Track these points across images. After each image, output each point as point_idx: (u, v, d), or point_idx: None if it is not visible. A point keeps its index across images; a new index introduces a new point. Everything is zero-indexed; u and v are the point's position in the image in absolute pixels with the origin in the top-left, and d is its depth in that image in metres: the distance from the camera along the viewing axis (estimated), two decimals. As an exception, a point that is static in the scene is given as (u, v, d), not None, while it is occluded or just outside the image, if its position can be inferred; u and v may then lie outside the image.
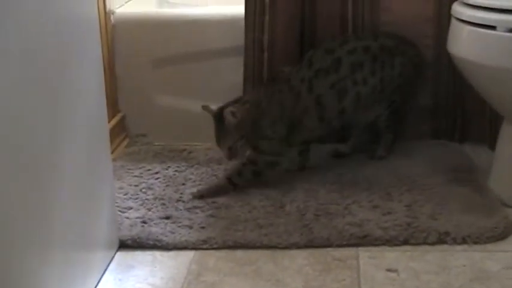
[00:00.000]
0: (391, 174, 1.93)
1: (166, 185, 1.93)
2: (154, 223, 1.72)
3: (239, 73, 2.16)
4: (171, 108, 2.27)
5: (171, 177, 1.98)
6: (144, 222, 1.73)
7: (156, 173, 2.01)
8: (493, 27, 1.64)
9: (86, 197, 1.45)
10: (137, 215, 1.76)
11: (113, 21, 2.21)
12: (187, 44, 2.23)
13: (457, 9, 1.75)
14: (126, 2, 2.35)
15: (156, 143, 2.28)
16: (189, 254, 1.62)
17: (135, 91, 2.27)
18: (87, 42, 1.47)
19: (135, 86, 2.27)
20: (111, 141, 1.78)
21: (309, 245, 1.62)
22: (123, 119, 2.27)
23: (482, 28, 1.66)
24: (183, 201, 1.83)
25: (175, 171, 2.02)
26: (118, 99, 2.26)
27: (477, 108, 2.07)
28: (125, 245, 1.65)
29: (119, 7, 2.27)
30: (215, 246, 1.64)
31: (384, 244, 1.62)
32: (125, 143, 2.25)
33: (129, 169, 2.04)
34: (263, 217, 1.73)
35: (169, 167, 2.05)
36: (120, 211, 1.77)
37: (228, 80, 2.21)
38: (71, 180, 1.35)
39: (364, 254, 1.60)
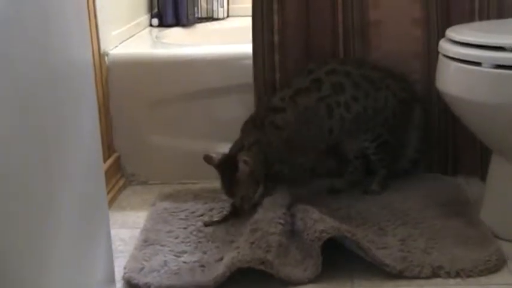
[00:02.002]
0: (384, 208, 1.95)
1: (216, 227, 1.91)
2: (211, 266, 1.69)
3: (234, 112, 2.19)
4: (166, 148, 2.29)
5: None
6: (202, 265, 1.71)
7: (201, 215, 1.99)
8: (478, 64, 1.67)
9: (82, 240, 1.45)
10: (194, 258, 1.75)
11: (107, 62, 2.25)
12: (181, 84, 2.26)
13: (444, 46, 1.79)
14: (120, 43, 2.39)
15: (151, 182, 2.30)
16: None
17: (130, 131, 2.29)
18: (82, 84, 1.49)
19: (130, 126, 2.29)
20: (107, 182, 1.79)
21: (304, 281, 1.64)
22: (118, 159, 2.29)
23: (468, 64, 1.69)
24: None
25: (220, 212, 1.98)
26: (113, 140, 2.28)
27: (468, 141, 2.10)
28: None
29: (113, 48, 2.30)
30: None
31: (378, 279, 1.63)
32: (121, 182, 2.27)
33: (173, 213, 2.02)
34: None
35: (213, 208, 2.01)
36: (175, 255, 1.77)
37: (223, 119, 2.24)
38: (66, 223, 1.36)
39: (359, 289, 1.61)
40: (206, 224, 1.90)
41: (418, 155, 2.12)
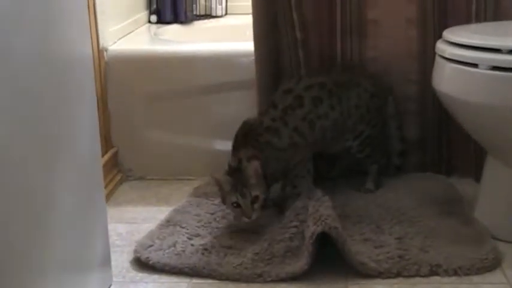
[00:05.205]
0: (380, 207, 1.96)
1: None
2: (215, 251, 1.75)
3: (231, 109, 2.20)
4: (163, 144, 2.30)
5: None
6: (206, 249, 1.76)
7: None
8: (475, 65, 1.68)
9: (79, 233, 1.47)
10: (201, 242, 1.79)
11: (106, 58, 2.26)
12: (179, 80, 2.27)
13: (441, 47, 1.81)
14: (118, 39, 2.40)
15: (149, 177, 2.31)
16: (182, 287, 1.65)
17: (127, 127, 2.30)
18: (81, 79, 1.50)
19: (128, 122, 2.30)
20: (104, 177, 1.80)
21: (302, 277, 1.64)
22: (115, 154, 2.30)
23: (465, 66, 1.70)
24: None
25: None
26: (111, 135, 2.29)
27: (462, 141, 2.11)
28: (182, 273, 1.70)
29: (112, 44, 2.31)
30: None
31: (373, 276, 1.65)
32: (118, 177, 2.28)
33: (211, 198, 2.03)
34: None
35: None
36: (188, 238, 1.81)
37: (220, 116, 2.25)
38: (64, 217, 1.37)
39: (353, 287, 1.62)
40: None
41: (402, 146, 2.15)
